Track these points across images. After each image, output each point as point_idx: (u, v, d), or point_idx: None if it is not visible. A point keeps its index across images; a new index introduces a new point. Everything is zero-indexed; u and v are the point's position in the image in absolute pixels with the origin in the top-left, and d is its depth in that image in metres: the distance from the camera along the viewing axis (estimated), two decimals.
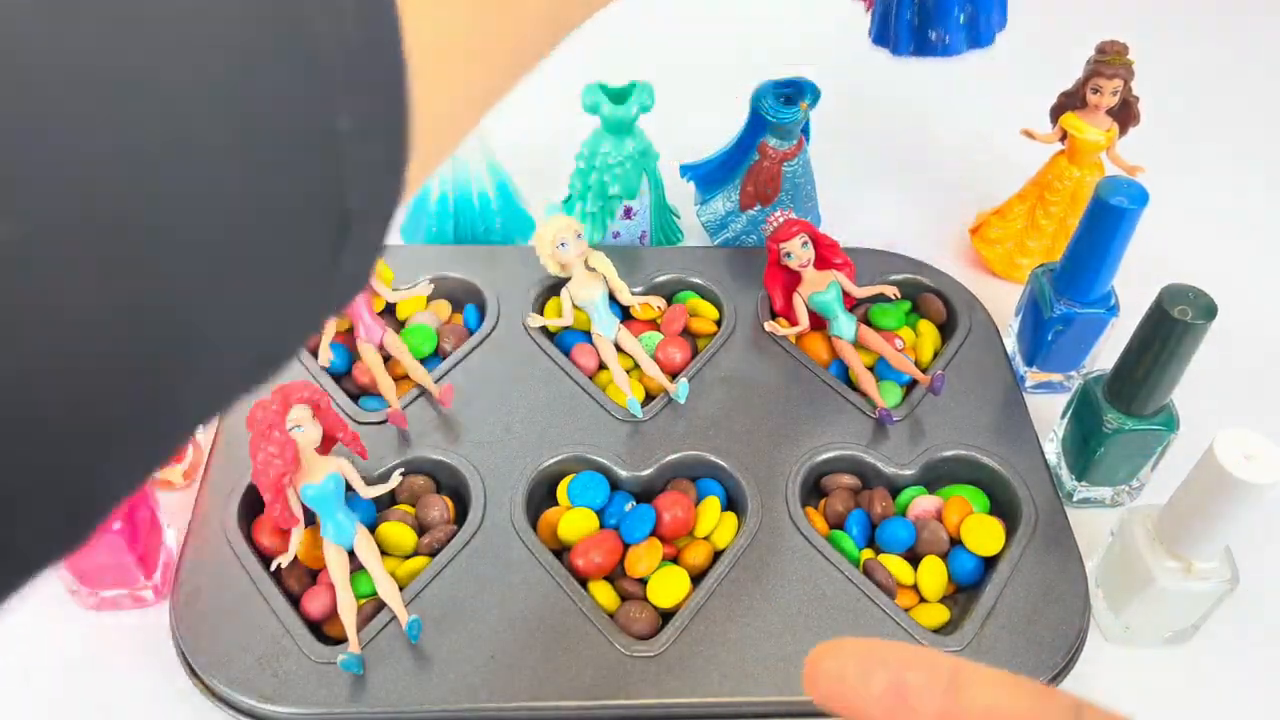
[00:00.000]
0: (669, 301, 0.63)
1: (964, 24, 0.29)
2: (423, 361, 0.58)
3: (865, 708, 0.23)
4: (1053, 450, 0.58)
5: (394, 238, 0.69)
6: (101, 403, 0.15)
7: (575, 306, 0.60)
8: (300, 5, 0.15)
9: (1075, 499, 0.57)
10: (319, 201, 0.16)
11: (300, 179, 0.16)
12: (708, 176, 0.67)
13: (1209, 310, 0.48)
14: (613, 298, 0.61)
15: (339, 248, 0.17)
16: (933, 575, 0.51)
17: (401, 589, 0.48)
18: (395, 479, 0.51)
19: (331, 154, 0.16)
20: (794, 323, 0.61)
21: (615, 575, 0.51)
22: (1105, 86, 0.62)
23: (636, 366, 0.59)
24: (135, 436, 0.16)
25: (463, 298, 0.63)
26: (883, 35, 0.33)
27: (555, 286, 0.62)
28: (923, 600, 0.51)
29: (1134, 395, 0.51)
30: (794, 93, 0.62)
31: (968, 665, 0.24)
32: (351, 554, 0.49)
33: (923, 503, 0.54)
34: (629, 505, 0.53)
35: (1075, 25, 0.77)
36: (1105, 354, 0.59)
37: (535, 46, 0.24)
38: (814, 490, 0.56)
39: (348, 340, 0.59)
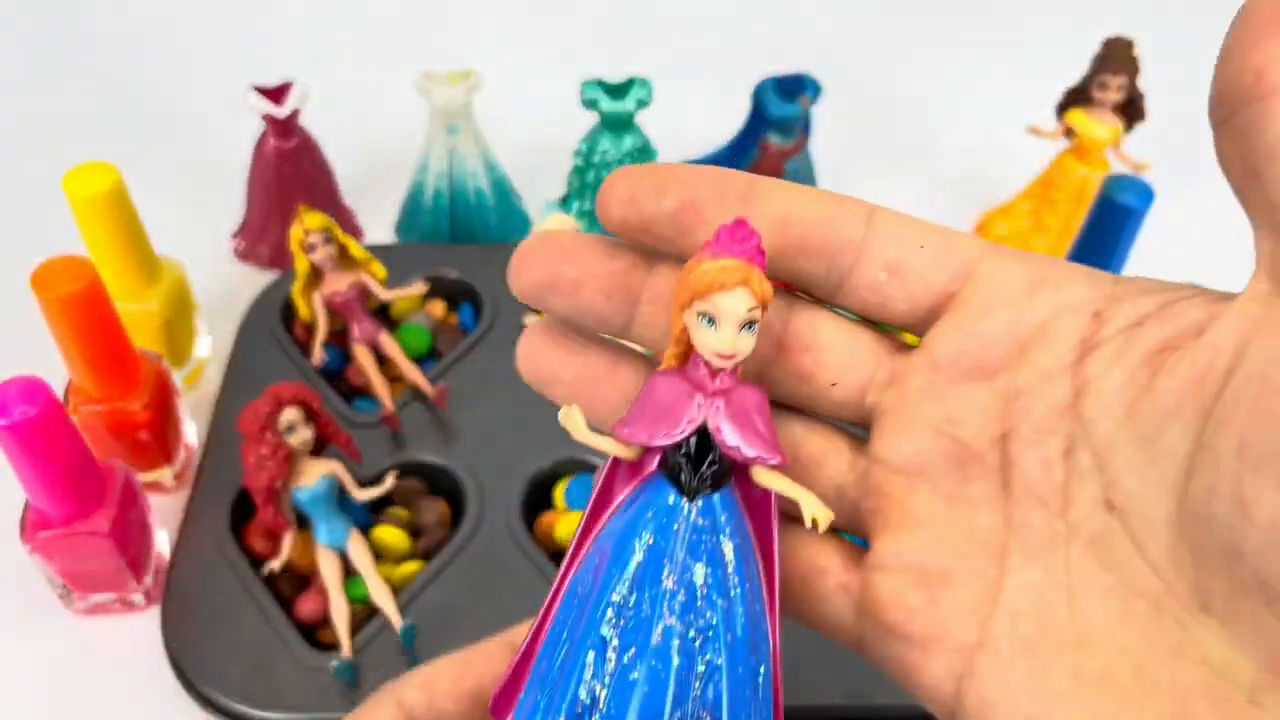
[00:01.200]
0: None
1: None
2: (418, 362, 0.57)
3: (659, 228, 0.22)
4: None
5: (389, 236, 0.68)
6: None
7: None
8: None
9: None
10: None
11: None
12: None
13: None
14: None
15: None
16: None
17: (395, 593, 0.47)
18: (389, 482, 0.51)
19: None
20: None
21: None
22: (1111, 82, 0.61)
23: None
24: None
25: (458, 297, 0.62)
26: None
27: None
28: None
29: None
30: (795, 88, 0.62)
31: (761, 179, 0.22)
32: (344, 558, 0.48)
33: None
34: None
35: (1080, 21, 0.76)
36: None
37: None
38: None
39: (341, 341, 0.58)
